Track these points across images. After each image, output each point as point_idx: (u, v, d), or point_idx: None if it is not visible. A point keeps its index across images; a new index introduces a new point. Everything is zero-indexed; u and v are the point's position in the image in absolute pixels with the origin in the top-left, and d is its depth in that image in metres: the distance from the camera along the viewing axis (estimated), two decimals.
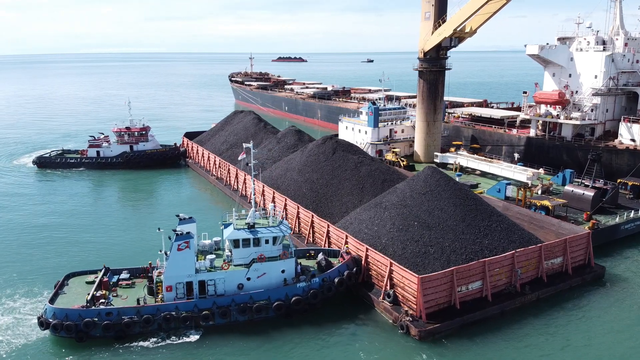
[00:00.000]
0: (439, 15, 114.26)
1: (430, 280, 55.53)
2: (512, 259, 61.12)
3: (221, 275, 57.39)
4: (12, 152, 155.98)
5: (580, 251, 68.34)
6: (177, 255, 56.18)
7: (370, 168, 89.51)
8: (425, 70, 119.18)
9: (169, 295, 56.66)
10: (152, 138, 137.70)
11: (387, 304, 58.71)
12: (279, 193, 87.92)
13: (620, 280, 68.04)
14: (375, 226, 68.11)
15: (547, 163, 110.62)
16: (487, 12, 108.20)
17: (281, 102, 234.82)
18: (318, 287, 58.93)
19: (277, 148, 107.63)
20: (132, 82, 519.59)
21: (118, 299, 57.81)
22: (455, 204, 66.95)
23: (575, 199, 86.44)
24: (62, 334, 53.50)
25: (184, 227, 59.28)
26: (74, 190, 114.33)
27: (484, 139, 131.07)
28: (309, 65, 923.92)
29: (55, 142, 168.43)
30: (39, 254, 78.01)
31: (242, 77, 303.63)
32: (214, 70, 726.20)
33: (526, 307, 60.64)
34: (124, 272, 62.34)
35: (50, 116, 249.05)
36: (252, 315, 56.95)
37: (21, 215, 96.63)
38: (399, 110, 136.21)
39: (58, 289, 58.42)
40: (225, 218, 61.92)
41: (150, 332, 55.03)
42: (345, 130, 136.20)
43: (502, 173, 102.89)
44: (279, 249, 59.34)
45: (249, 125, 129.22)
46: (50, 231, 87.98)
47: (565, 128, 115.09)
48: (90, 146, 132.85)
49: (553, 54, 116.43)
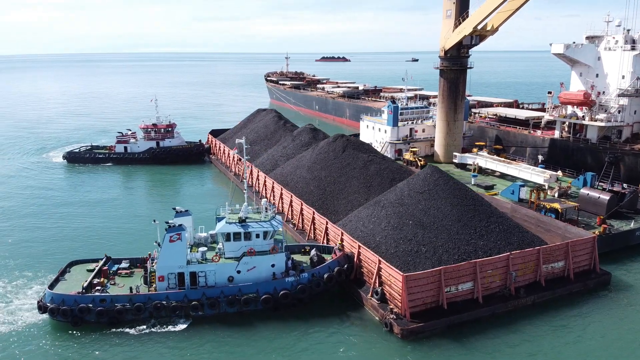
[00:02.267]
0: (459, 13, 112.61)
1: (416, 279, 55.15)
2: (507, 261, 59.88)
3: (212, 268, 58.80)
4: (45, 146, 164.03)
5: (584, 256, 66.14)
6: (169, 247, 57.93)
7: (379, 167, 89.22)
8: (445, 69, 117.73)
9: (162, 285, 58.50)
10: (177, 135, 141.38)
11: (375, 301, 58.67)
12: (287, 190, 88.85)
13: (627, 289, 65.34)
14: (371, 224, 68.09)
15: (571, 166, 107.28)
16: (508, 10, 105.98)
17: (312, 101, 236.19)
18: (307, 282, 59.52)
19: (292, 146, 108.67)
20: (172, 81, 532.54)
21: (115, 287, 60.11)
22: (453, 203, 66.07)
23: (591, 203, 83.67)
24: (59, 318, 56.17)
25: (179, 219, 61.18)
26: (100, 183, 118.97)
27: (508, 140, 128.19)
28: (352, 65, 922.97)
29: (87, 138, 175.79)
30: (54, 241, 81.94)
31: (277, 76, 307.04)
32: (256, 70, 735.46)
33: (520, 311, 59.27)
34: (124, 262, 64.75)
35: (86, 113, 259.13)
36: (240, 308, 58.10)
37: (46, 206, 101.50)
38: (422, 109, 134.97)
39: (59, 276, 61.33)
40: (220, 212, 63.24)
41: (142, 320, 57.00)
42: (366, 129, 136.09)
43: (519, 175, 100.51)
44: (269, 243, 60.21)
45: (269, 123, 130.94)
46: (69, 220, 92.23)
47: (590, 130, 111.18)
48: (118, 142, 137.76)
49: (579, 53, 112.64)
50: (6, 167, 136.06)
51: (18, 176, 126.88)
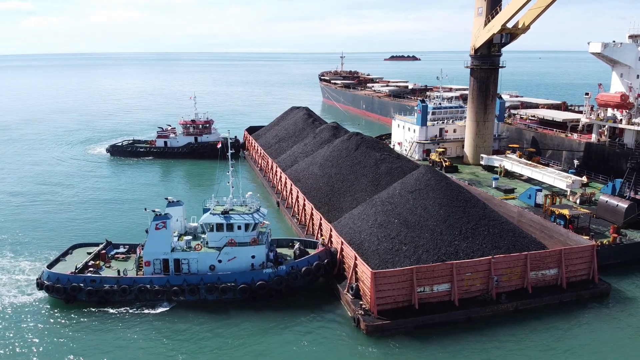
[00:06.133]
0: (490, 11, 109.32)
1: (385, 276, 55.00)
2: (488, 265, 58.25)
3: (194, 256, 61.40)
4: (96, 138, 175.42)
5: (581, 265, 62.94)
6: (155, 234, 61.06)
7: (391, 166, 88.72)
8: (476, 68, 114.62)
9: (148, 270, 61.79)
10: (215, 131, 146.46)
11: (350, 297, 58.99)
12: (295, 185, 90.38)
13: (627, 303, 61.30)
14: (360, 221, 68.28)
15: (607, 172, 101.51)
16: (539, 7, 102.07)
17: (360, 100, 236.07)
18: (284, 274, 60.79)
19: (312, 143, 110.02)
20: (230, 80, 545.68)
21: (110, 269, 64.13)
22: (441, 204, 64.95)
23: (609, 211, 79.32)
24: (54, 294, 60.85)
25: (170, 209, 64.41)
26: (138, 175, 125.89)
27: (544, 143, 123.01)
28: (422, 64, 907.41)
29: (140, 132, 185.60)
30: (78, 227, 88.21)
31: (331, 75, 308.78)
32: (320, 70, 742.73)
33: (499, 317, 57.49)
34: (122, 247, 68.87)
35: (150, 108, 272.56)
36: (219, 295, 60.30)
37: (81, 194, 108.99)
38: (456, 109, 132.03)
39: (60, 256, 66.25)
40: (206, 203, 65.64)
41: (128, 302, 60.58)
42: (397, 128, 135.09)
43: (543, 179, 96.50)
44: (251, 235, 61.92)
45: (299, 120, 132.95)
46: (98, 208, 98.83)
47: (627, 134, 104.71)
48: (159, 137, 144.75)
49: (618, 53, 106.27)
50: (53, 157, 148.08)
51: (61, 165, 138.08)
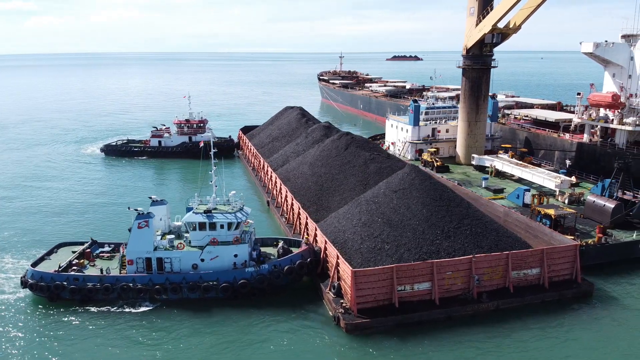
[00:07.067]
0: (481, 11, 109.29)
1: (365, 275, 55.12)
2: (469, 264, 58.31)
3: (177, 255, 61.58)
4: (90, 138, 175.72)
5: (564, 264, 62.91)
6: (138, 233, 61.25)
7: (380, 165, 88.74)
8: (467, 67, 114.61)
9: (131, 269, 61.97)
10: (209, 130, 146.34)
11: (332, 295, 59.11)
12: (284, 185, 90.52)
13: (610, 303, 61.21)
14: (345, 220, 68.40)
15: (598, 172, 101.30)
16: (529, 7, 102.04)
17: (357, 100, 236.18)
18: (266, 273, 60.96)
19: (304, 142, 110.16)
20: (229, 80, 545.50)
21: (94, 268, 64.33)
22: (424, 203, 65.02)
23: (597, 211, 79.31)
24: (37, 293, 61.13)
25: (154, 208, 64.67)
26: (131, 174, 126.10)
27: (537, 143, 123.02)
28: (424, 64, 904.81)
29: (136, 131, 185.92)
30: (66, 226, 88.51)
31: (330, 75, 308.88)
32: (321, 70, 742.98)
33: (480, 316, 57.54)
34: (106, 246, 69.10)
35: (148, 107, 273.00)
36: (201, 294, 60.46)
37: (68, 192, 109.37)
38: (449, 109, 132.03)
39: (45, 255, 66.50)
40: (189, 203, 65.78)
41: (111, 300, 60.76)
42: (390, 128, 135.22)
43: (533, 179, 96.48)
44: (233, 234, 62.05)
45: (292, 120, 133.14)
46: (86, 207, 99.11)
47: (619, 134, 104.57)
48: (153, 136, 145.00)
49: (610, 53, 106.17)
50: (46, 156, 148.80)
51: (54, 164, 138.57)
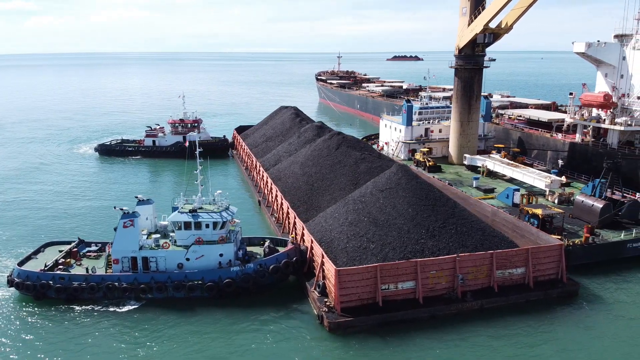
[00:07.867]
0: (473, 11, 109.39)
1: (349, 273, 55.22)
2: (453, 263, 58.40)
3: (162, 254, 61.67)
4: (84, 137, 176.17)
5: (549, 264, 62.94)
6: (123, 232, 61.36)
7: (370, 165, 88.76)
8: (460, 67, 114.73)
9: (117, 268, 62.07)
10: (203, 130, 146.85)
11: (316, 294, 59.19)
12: (275, 184, 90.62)
13: (595, 303, 61.20)
14: (332, 219, 68.52)
15: (590, 172, 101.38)
16: (521, 7, 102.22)
17: (354, 100, 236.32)
18: (252, 272, 61.06)
19: (296, 142, 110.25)
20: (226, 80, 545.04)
21: (80, 267, 64.43)
22: (410, 202, 65.09)
23: (585, 211, 79.44)
24: (23, 292, 61.28)
25: (140, 207, 64.80)
26: (124, 174, 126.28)
27: (530, 143, 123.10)
28: (424, 64, 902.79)
29: (131, 131, 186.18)
30: (57, 225, 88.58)
31: (327, 75, 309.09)
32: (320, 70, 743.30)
33: (464, 315, 57.61)
34: (93, 245, 69.22)
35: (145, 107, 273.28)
36: (187, 293, 60.56)
37: (59, 192, 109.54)
38: (442, 109, 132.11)
39: (32, 254, 66.61)
40: (175, 202, 65.85)
41: (96, 299, 60.87)
42: (384, 128, 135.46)
43: (523, 179, 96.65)
44: (219, 233, 62.13)
45: (286, 120, 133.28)
46: (77, 206, 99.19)
47: (611, 134, 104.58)
48: (147, 136, 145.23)
49: (602, 53, 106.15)
50: (40, 155, 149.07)
51: (47, 163, 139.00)
